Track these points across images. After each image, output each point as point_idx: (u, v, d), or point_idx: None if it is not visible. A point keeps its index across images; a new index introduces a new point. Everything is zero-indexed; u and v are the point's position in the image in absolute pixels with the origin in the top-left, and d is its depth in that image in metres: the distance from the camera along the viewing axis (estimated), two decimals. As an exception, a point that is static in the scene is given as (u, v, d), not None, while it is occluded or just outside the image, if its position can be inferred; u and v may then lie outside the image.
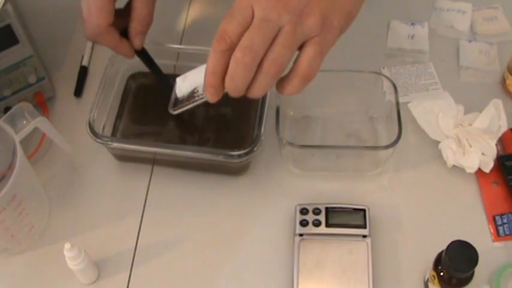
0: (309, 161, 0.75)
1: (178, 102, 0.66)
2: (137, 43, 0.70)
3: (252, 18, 0.55)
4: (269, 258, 0.69)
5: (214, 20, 0.56)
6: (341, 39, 0.59)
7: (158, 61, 0.77)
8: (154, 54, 0.77)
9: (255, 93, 0.57)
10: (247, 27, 0.55)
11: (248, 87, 0.57)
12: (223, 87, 0.57)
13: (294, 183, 0.75)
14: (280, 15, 0.55)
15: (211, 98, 0.58)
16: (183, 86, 0.65)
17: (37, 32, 0.83)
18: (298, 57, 0.56)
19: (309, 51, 0.56)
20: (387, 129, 0.74)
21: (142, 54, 0.72)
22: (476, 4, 0.89)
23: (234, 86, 0.56)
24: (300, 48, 0.56)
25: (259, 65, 0.55)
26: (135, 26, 0.69)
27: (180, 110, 0.65)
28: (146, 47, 0.77)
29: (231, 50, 0.55)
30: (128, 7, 0.69)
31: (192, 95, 0.63)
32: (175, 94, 0.66)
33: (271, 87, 0.57)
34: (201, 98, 0.62)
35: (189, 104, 0.64)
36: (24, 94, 0.78)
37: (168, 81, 0.74)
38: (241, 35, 0.55)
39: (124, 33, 0.69)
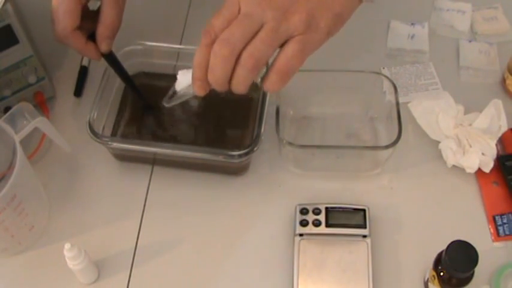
0: (309, 161, 0.75)
1: (174, 96, 0.66)
2: (104, 48, 0.69)
3: (239, 13, 0.56)
4: (269, 258, 0.69)
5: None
6: (341, 39, 0.59)
7: (158, 61, 0.78)
8: (154, 54, 0.77)
9: (236, 87, 0.57)
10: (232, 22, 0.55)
11: (230, 82, 0.57)
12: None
13: (294, 183, 0.75)
14: (264, 11, 0.55)
15: (198, 91, 0.59)
16: (182, 80, 0.65)
17: (37, 32, 0.83)
18: (277, 53, 0.57)
19: (288, 49, 0.56)
20: (387, 129, 0.74)
21: (110, 57, 0.71)
22: (476, 4, 0.89)
23: (215, 79, 0.57)
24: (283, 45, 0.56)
25: (238, 58, 0.55)
26: (102, 31, 0.68)
27: (173, 103, 0.65)
28: (146, 47, 0.77)
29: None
30: (99, 10, 0.69)
31: (188, 89, 0.63)
32: (174, 88, 0.65)
33: (251, 81, 0.57)
34: (193, 92, 0.62)
35: (181, 97, 0.64)
36: (24, 94, 0.78)
37: (136, 87, 0.74)
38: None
39: (92, 36, 0.69)
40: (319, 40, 0.57)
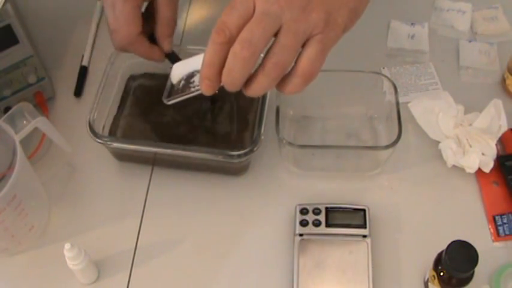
0: (309, 161, 0.75)
1: (173, 91, 0.64)
2: (167, 46, 0.69)
3: (254, 10, 0.54)
4: (269, 258, 0.69)
5: (214, 20, 0.55)
6: (341, 39, 0.59)
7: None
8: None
9: (255, 92, 0.56)
10: (248, 20, 0.53)
11: (248, 86, 0.55)
12: (220, 81, 0.56)
13: (294, 183, 0.75)
14: (282, 10, 0.53)
15: (206, 90, 0.56)
16: (179, 74, 0.63)
17: (37, 32, 0.83)
18: (299, 56, 0.55)
19: (310, 50, 0.54)
20: (387, 129, 0.74)
21: (172, 56, 0.71)
22: (476, 4, 0.89)
23: (231, 80, 0.55)
24: (303, 45, 0.55)
25: (261, 65, 0.54)
26: (163, 31, 0.68)
27: (174, 101, 0.64)
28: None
29: (230, 42, 0.53)
30: (148, 11, 0.68)
31: (187, 85, 0.62)
32: (171, 81, 0.64)
33: (273, 87, 0.56)
34: (197, 90, 0.60)
35: (184, 95, 0.62)
36: (24, 94, 0.78)
37: None
38: (241, 28, 0.53)
39: (150, 39, 0.69)
40: (337, 36, 0.56)
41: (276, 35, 0.54)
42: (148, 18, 0.69)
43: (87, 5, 0.92)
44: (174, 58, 0.72)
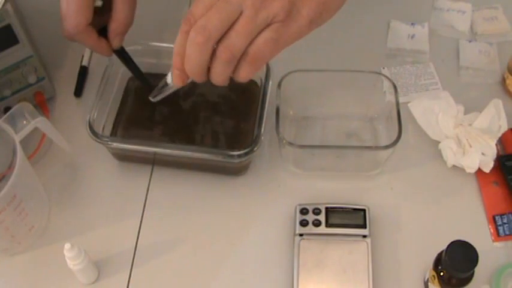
0: (309, 161, 0.75)
1: (163, 89, 0.64)
2: (116, 43, 0.69)
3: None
4: (269, 258, 0.69)
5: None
6: (341, 39, 0.59)
7: (159, 61, 0.78)
8: (154, 54, 0.77)
9: (214, 79, 0.56)
10: None
11: (209, 74, 0.55)
12: None
13: (294, 183, 0.75)
14: None
15: (175, 81, 0.57)
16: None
17: (37, 32, 0.83)
18: (252, 40, 0.54)
19: (262, 37, 0.54)
20: (387, 129, 0.74)
21: (121, 53, 0.71)
22: (476, 4, 0.89)
23: (190, 67, 0.55)
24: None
25: (214, 50, 0.54)
26: (115, 28, 0.67)
27: (158, 97, 0.64)
28: (146, 47, 0.77)
29: None
30: (107, 5, 0.68)
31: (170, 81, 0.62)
32: (165, 80, 0.64)
33: (229, 73, 0.55)
34: (174, 84, 0.61)
35: (166, 90, 0.62)
36: (24, 94, 0.78)
37: (148, 81, 0.74)
38: None
39: (102, 31, 0.68)
40: (299, 28, 0.55)
41: None
42: (106, 11, 0.68)
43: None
44: (123, 55, 0.71)
